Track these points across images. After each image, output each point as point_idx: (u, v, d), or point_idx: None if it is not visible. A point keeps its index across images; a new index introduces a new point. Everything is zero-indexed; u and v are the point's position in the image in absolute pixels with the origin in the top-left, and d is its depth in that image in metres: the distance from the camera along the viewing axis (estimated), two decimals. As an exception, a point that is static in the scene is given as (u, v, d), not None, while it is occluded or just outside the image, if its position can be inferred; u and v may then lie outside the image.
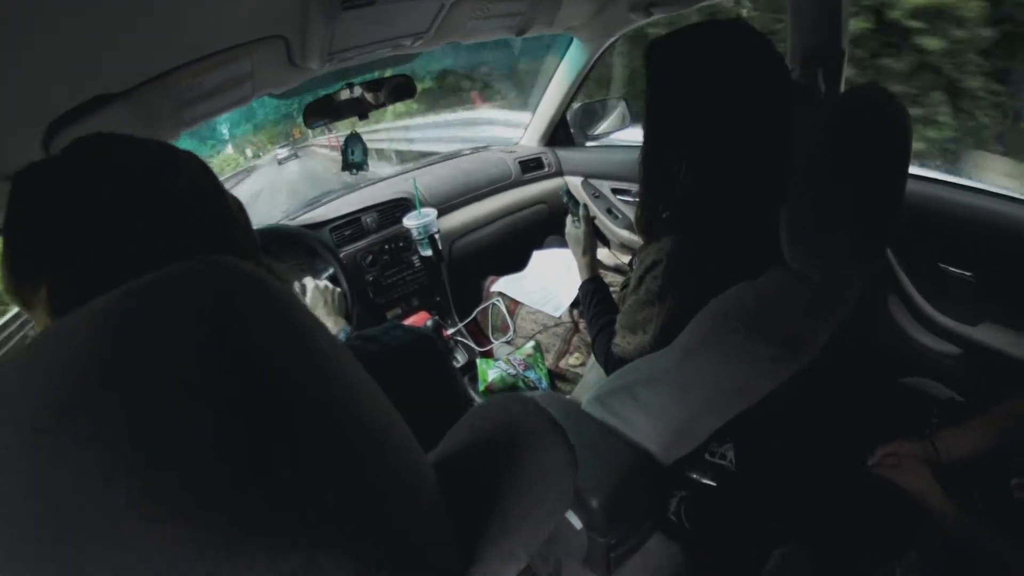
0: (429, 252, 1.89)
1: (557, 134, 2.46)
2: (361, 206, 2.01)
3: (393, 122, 10.15)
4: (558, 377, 1.68)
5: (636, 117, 2.16)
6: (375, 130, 10.06)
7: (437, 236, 1.88)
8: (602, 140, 2.29)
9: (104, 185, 0.54)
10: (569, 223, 1.57)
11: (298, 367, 0.34)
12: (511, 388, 1.63)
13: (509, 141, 2.61)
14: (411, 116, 9.91)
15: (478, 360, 1.76)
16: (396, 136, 9.93)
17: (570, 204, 1.63)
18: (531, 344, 1.70)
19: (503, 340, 1.85)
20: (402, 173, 2.36)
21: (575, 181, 2.38)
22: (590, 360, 1.59)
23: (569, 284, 1.78)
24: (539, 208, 2.34)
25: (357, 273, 1.92)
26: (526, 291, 1.88)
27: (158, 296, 0.31)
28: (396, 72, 1.71)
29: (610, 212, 2.25)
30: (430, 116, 9.37)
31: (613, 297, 1.40)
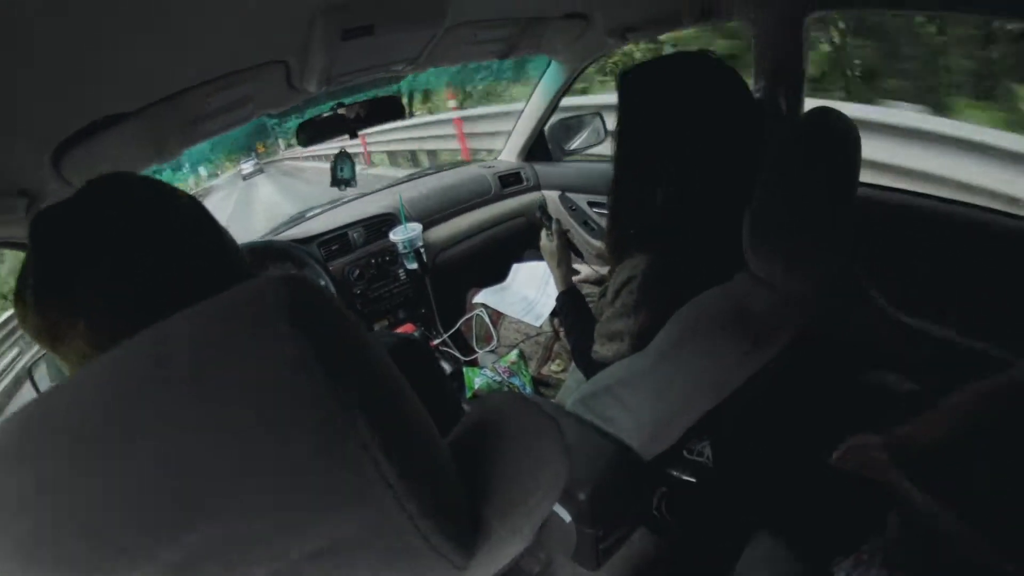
0: (415, 265, 1.97)
1: (535, 149, 2.53)
2: (347, 221, 2.07)
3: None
4: (541, 383, 1.76)
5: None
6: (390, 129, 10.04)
7: (422, 250, 1.95)
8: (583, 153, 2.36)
9: (130, 222, 0.59)
10: (544, 237, 1.64)
11: (361, 366, 0.42)
12: (496, 395, 1.69)
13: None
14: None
15: (464, 368, 1.83)
16: (408, 136, 9.93)
17: (544, 219, 1.71)
18: (515, 352, 1.78)
19: (487, 349, 1.92)
20: (385, 188, 2.43)
21: (552, 195, 2.47)
22: (571, 366, 1.66)
23: (548, 294, 1.86)
24: (518, 221, 2.42)
25: (345, 286, 1.98)
26: (507, 302, 1.95)
27: (242, 310, 0.38)
28: (385, 93, 1.78)
29: (586, 224, 2.34)
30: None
31: (590, 306, 1.47)
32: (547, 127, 2.44)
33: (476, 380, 1.73)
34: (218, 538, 0.37)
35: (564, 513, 1.18)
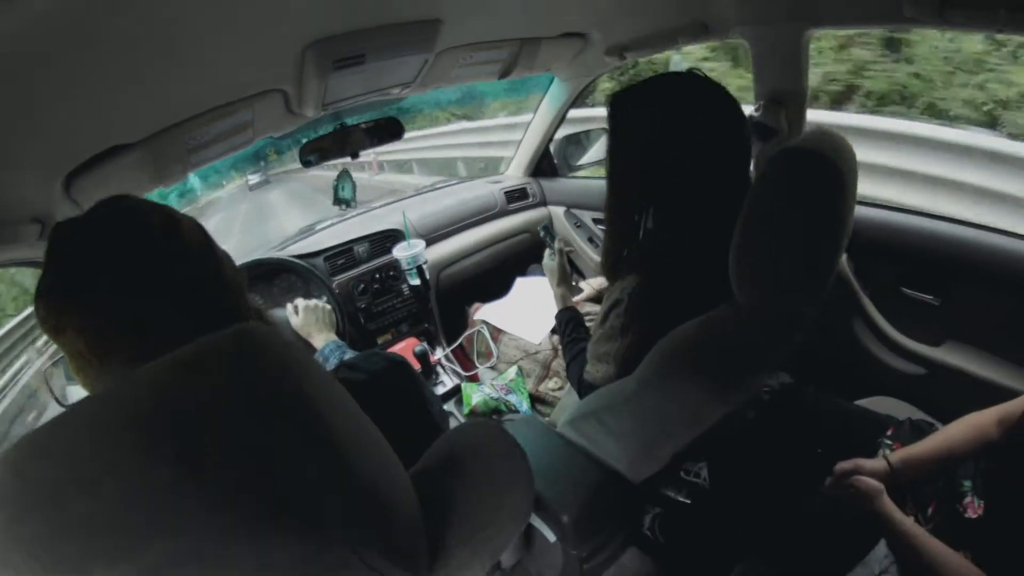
0: (418, 281, 1.99)
1: (541, 165, 2.55)
2: (353, 236, 2.10)
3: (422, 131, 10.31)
4: (538, 401, 1.76)
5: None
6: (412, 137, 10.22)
7: (425, 266, 1.98)
8: (590, 169, 2.36)
9: (130, 244, 0.65)
10: (546, 256, 1.65)
11: (309, 409, 0.47)
12: (494, 411, 1.71)
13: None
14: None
15: (463, 384, 1.85)
16: (425, 144, 10.01)
17: (546, 238, 1.73)
18: (514, 369, 1.79)
19: (487, 365, 1.93)
20: (393, 203, 2.46)
21: (558, 211, 2.48)
22: (567, 385, 1.67)
23: (549, 312, 1.86)
24: (524, 237, 2.43)
25: (349, 300, 2.01)
26: (508, 318, 1.97)
27: (201, 366, 0.44)
28: (386, 115, 1.81)
29: (591, 241, 2.35)
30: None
31: (587, 326, 1.47)
32: (553, 143, 2.46)
33: (474, 397, 1.74)
34: (170, 554, 0.42)
35: (549, 534, 1.18)
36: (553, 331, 1.84)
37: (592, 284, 1.97)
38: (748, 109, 1.50)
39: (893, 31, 3.31)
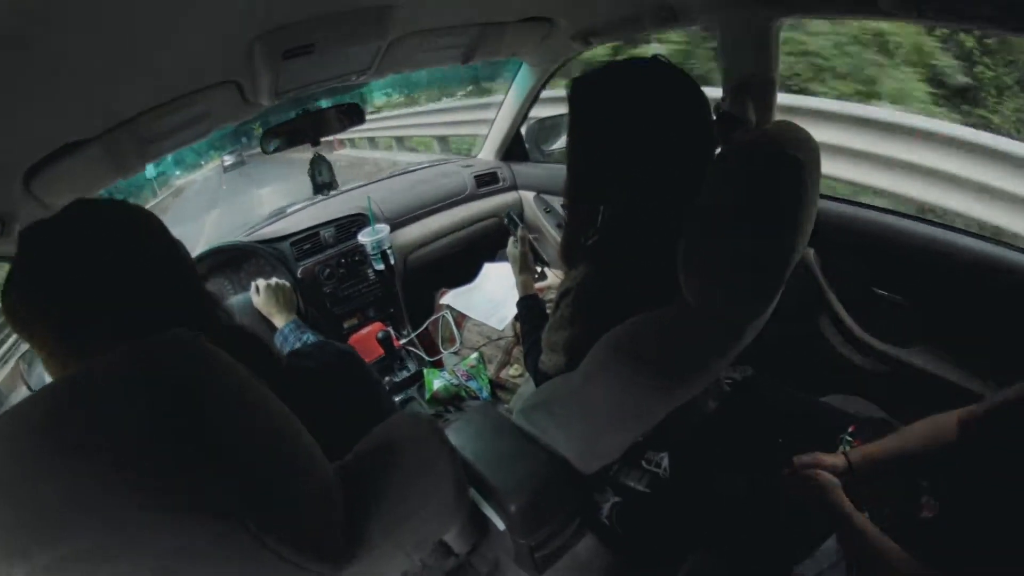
0: (382, 267, 1.98)
1: (513, 149, 2.53)
2: (320, 220, 2.09)
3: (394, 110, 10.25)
4: (499, 387, 1.78)
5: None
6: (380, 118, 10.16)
7: (389, 251, 1.97)
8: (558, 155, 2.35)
9: (94, 251, 0.68)
10: (510, 243, 1.65)
11: (240, 431, 0.52)
12: (454, 397, 1.72)
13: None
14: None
15: (425, 370, 1.86)
16: (398, 123, 9.95)
17: (510, 225, 1.72)
18: (475, 355, 1.80)
19: (451, 351, 1.94)
20: (364, 185, 2.44)
21: (528, 196, 2.46)
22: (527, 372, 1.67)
23: (513, 299, 1.85)
24: (493, 222, 2.42)
25: (315, 285, 2.00)
26: (473, 304, 1.97)
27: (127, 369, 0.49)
28: (346, 99, 1.79)
29: (560, 227, 2.34)
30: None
31: (548, 314, 1.47)
32: (525, 127, 2.44)
33: (435, 382, 1.75)
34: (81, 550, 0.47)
35: (499, 522, 1.18)
36: (516, 318, 1.84)
37: (557, 272, 1.96)
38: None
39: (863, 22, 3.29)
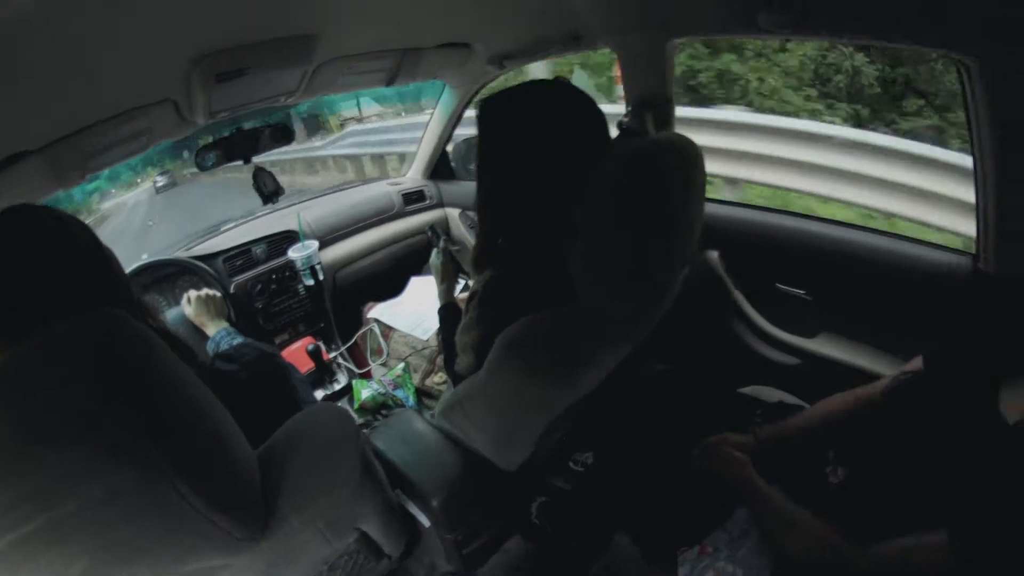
0: (312, 282, 2.03)
1: (439, 168, 2.61)
2: (252, 237, 2.12)
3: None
4: (425, 395, 1.85)
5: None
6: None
7: (318, 267, 2.03)
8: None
9: (27, 252, 0.77)
10: (433, 255, 1.71)
11: (159, 393, 0.64)
12: (382, 406, 1.78)
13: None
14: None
15: (354, 381, 1.91)
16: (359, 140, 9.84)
17: (433, 238, 1.80)
18: (401, 365, 1.86)
19: (379, 362, 2.00)
20: (296, 204, 2.47)
21: (454, 213, 2.56)
22: (452, 378, 1.74)
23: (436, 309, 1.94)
24: (420, 238, 2.49)
25: (248, 300, 2.03)
26: (399, 316, 2.04)
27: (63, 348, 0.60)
28: (278, 120, 1.84)
29: (482, 241, 2.42)
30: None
31: None
32: (451, 146, 2.53)
33: (363, 392, 1.80)
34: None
35: (424, 519, 1.24)
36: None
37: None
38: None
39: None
